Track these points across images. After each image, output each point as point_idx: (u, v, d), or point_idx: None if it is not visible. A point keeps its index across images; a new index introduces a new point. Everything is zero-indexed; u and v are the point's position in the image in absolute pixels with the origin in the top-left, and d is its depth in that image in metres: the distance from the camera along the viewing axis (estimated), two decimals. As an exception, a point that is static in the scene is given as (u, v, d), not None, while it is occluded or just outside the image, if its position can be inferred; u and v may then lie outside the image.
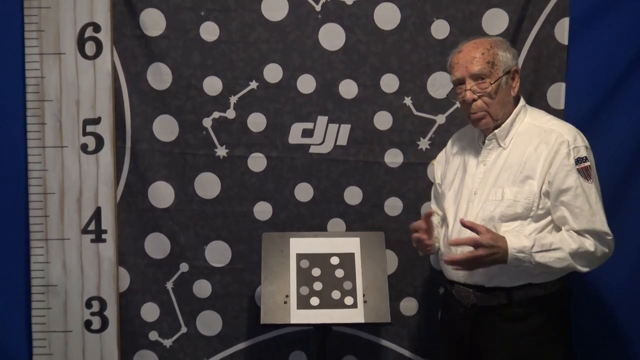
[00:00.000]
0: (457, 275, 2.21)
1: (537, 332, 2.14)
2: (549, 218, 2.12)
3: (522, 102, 2.22)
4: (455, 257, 2.08)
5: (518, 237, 2.07)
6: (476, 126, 2.22)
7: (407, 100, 2.69)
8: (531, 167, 2.11)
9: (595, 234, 2.08)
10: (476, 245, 2.02)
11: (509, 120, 2.18)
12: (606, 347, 2.68)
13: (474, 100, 2.14)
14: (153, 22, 2.64)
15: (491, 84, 2.13)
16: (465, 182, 2.24)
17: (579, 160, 2.08)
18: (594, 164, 2.14)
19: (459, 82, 2.18)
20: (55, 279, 2.71)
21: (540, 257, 2.04)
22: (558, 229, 2.13)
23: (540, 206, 2.10)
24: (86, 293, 2.73)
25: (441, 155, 2.46)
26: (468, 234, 2.08)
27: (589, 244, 2.07)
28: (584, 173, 2.08)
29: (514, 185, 2.12)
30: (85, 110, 2.68)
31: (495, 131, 2.18)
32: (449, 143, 2.43)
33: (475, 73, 2.13)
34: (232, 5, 2.64)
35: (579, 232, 2.08)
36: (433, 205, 2.47)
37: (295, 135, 2.71)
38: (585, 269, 2.09)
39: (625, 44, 2.59)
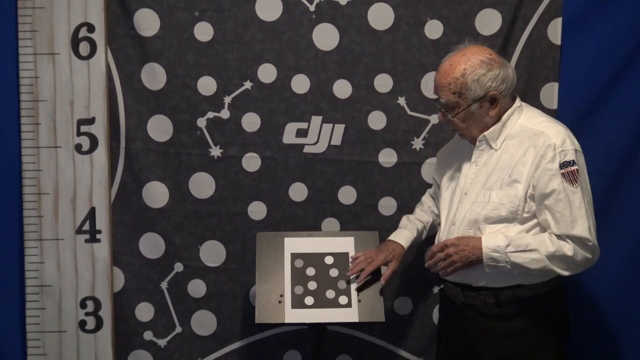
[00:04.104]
0: (446, 274, 2.22)
1: (526, 332, 2.15)
2: (535, 221, 2.12)
3: (517, 102, 2.19)
4: (428, 263, 2.20)
5: (494, 237, 2.08)
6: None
7: (401, 100, 2.70)
8: (519, 170, 2.10)
9: (576, 239, 2.05)
10: (443, 247, 2.14)
11: (499, 123, 2.15)
12: (599, 346, 2.70)
13: (447, 120, 2.19)
14: (147, 22, 2.64)
15: (458, 113, 2.14)
16: (459, 182, 2.25)
17: (564, 165, 2.04)
18: (585, 167, 2.11)
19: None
20: (49, 279, 2.71)
21: (516, 257, 2.05)
22: (544, 231, 2.11)
23: (526, 209, 2.10)
24: (80, 293, 2.73)
25: (444, 149, 2.46)
26: (456, 234, 2.17)
27: (568, 248, 2.05)
28: (569, 177, 2.05)
29: (501, 189, 2.11)
30: (80, 110, 2.68)
31: (485, 133, 2.17)
32: (453, 140, 2.42)
33: (441, 102, 2.16)
34: (226, 6, 2.64)
35: (559, 237, 2.06)
36: (427, 194, 2.54)
37: (289, 135, 2.71)
38: (565, 273, 2.08)
39: (618, 43, 2.60)
